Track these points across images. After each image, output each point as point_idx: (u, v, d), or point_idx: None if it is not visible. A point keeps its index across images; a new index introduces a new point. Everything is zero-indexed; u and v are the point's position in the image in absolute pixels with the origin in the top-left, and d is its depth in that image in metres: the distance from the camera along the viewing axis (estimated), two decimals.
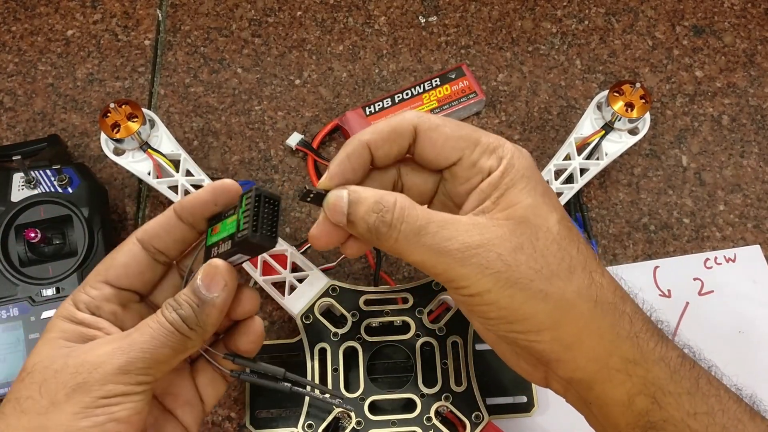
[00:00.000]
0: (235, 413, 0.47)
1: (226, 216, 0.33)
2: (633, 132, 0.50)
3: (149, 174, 0.48)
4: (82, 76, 0.58)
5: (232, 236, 0.32)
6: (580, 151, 0.49)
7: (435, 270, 0.31)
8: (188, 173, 0.49)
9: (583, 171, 0.49)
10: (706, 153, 0.56)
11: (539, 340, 0.31)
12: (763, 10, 0.61)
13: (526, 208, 0.31)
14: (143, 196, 0.55)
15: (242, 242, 0.31)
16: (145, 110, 0.47)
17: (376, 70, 0.59)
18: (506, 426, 0.44)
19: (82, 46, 0.60)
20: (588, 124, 0.50)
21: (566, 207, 0.50)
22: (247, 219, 0.31)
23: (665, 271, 0.52)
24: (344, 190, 0.32)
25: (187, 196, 0.34)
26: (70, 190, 0.48)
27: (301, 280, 0.46)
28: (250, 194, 0.31)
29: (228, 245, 0.32)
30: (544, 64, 0.59)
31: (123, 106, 0.47)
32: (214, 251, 0.33)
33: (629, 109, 0.48)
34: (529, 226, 0.31)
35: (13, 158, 0.48)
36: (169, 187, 0.48)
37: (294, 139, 0.55)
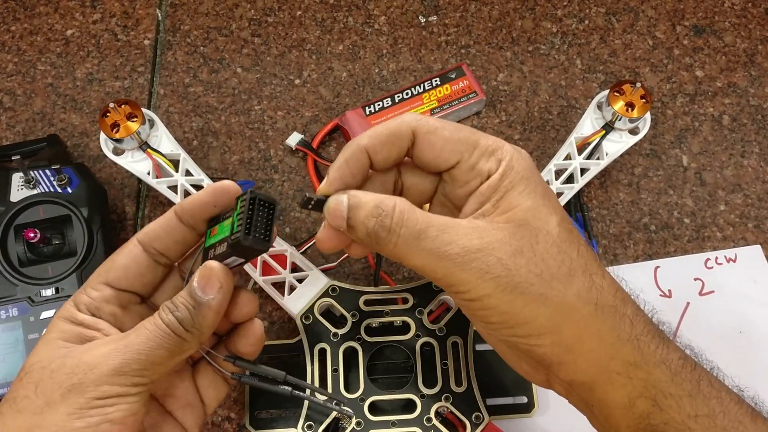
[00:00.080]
0: (235, 414, 0.47)
1: (224, 218, 0.33)
2: (633, 132, 0.50)
3: (149, 174, 0.48)
4: (81, 75, 0.58)
5: (226, 239, 0.32)
6: (580, 150, 0.49)
7: (435, 274, 0.31)
8: (188, 173, 0.49)
9: (583, 171, 0.49)
10: (707, 153, 0.56)
11: (540, 344, 0.31)
12: (763, 9, 0.61)
13: (526, 211, 0.31)
14: (143, 196, 0.55)
15: (235, 245, 0.31)
16: (144, 110, 0.47)
17: (376, 70, 0.59)
18: (506, 426, 0.44)
19: (82, 46, 0.59)
20: (588, 124, 0.50)
21: (566, 207, 0.50)
22: (241, 222, 0.31)
23: (666, 271, 0.51)
24: (344, 195, 0.32)
25: (187, 198, 0.34)
26: (69, 190, 0.48)
27: (301, 281, 0.46)
28: (245, 197, 0.31)
29: (223, 247, 0.32)
30: (545, 64, 0.59)
31: (122, 106, 0.46)
32: (211, 253, 0.33)
33: (630, 109, 0.48)
34: (529, 230, 0.31)
35: (13, 158, 0.48)
36: (169, 187, 0.48)
37: (294, 139, 0.55)
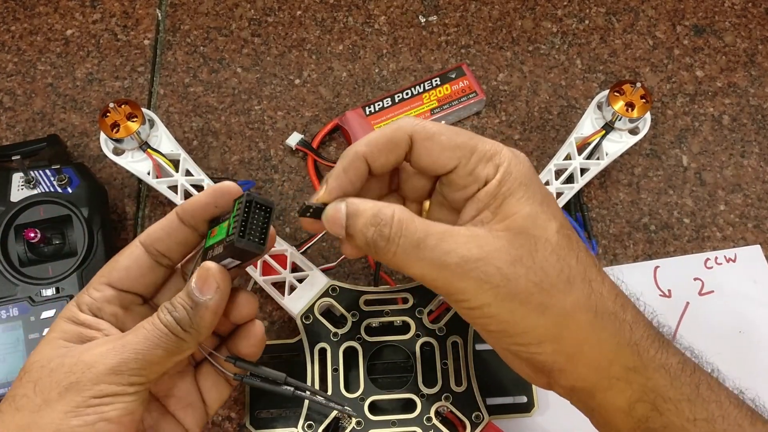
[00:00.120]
0: (236, 413, 0.47)
1: (223, 219, 0.33)
2: (633, 132, 0.50)
3: (149, 174, 0.48)
4: (81, 75, 0.58)
5: (223, 240, 0.32)
6: (580, 150, 0.49)
7: (435, 283, 0.31)
8: (188, 173, 0.49)
9: (583, 171, 0.49)
10: (707, 153, 0.56)
11: (540, 352, 0.31)
12: (763, 9, 0.61)
13: (525, 218, 0.31)
14: (143, 196, 0.55)
15: (229, 246, 0.31)
16: (144, 110, 0.47)
17: (376, 70, 0.59)
18: (506, 426, 0.44)
19: (82, 46, 0.59)
20: (588, 124, 0.50)
21: (566, 207, 0.50)
22: (236, 224, 0.31)
23: (665, 271, 0.51)
24: (342, 203, 0.32)
25: (188, 199, 0.34)
26: (69, 190, 0.48)
27: (301, 280, 0.46)
28: (241, 199, 0.32)
29: (220, 249, 0.32)
30: (545, 64, 0.59)
31: (122, 106, 0.47)
32: (210, 254, 0.33)
33: (630, 109, 0.48)
34: (528, 237, 0.31)
35: (13, 158, 0.48)
36: (169, 187, 0.48)
37: (294, 139, 0.55)
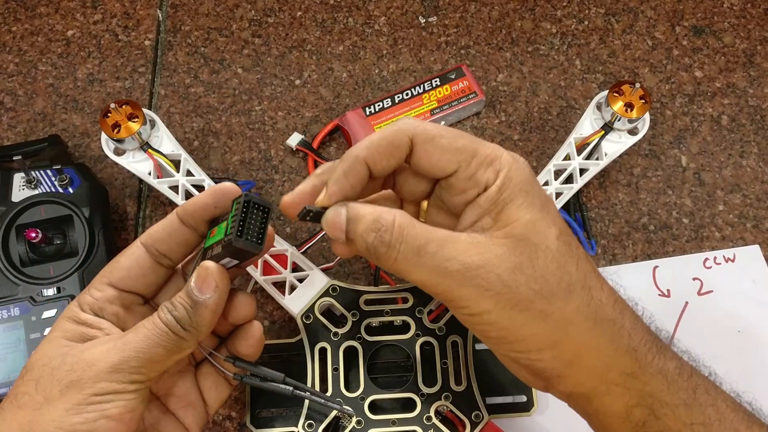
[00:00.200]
0: (236, 412, 0.48)
1: (222, 220, 0.33)
2: (632, 132, 0.50)
3: (150, 174, 0.48)
4: (82, 76, 0.58)
5: (221, 240, 0.32)
6: (579, 151, 0.50)
7: (435, 290, 0.31)
8: (189, 173, 0.49)
9: (582, 171, 0.50)
10: (706, 153, 0.56)
11: (540, 359, 0.31)
12: (762, 10, 0.61)
13: (525, 225, 0.31)
14: (144, 196, 0.55)
15: (227, 246, 0.32)
16: (145, 110, 0.48)
17: (376, 71, 0.59)
18: (506, 425, 0.44)
19: (83, 47, 0.60)
20: (588, 125, 0.50)
21: (566, 207, 0.50)
22: (234, 224, 0.31)
23: (664, 271, 0.52)
24: (342, 208, 0.32)
25: (189, 200, 0.35)
26: (70, 190, 0.49)
27: (301, 280, 0.46)
28: (240, 199, 0.32)
29: (219, 249, 0.32)
30: (544, 65, 0.59)
31: (123, 107, 0.47)
32: (209, 254, 0.33)
33: (629, 110, 0.48)
34: (528, 245, 0.31)
35: (14, 158, 0.48)
36: (170, 188, 0.48)
37: (294, 140, 0.55)
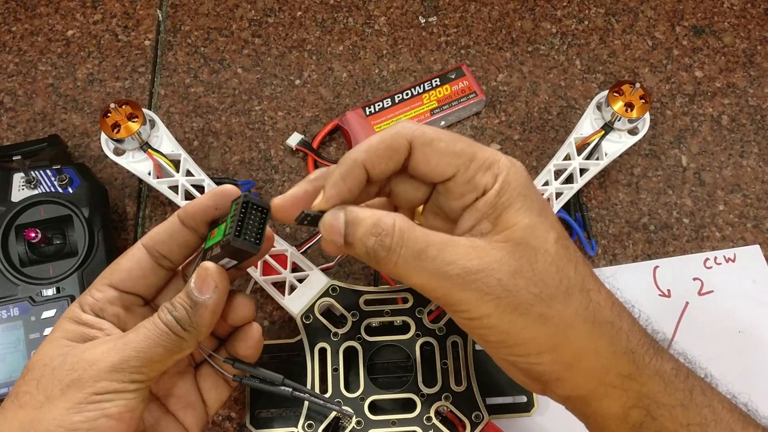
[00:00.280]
0: (236, 413, 0.47)
1: (222, 221, 0.34)
2: (633, 132, 0.50)
3: (149, 174, 0.48)
4: (82, 76, 0.58)
5: (220, 240, 0.33)
6: (579, 151, 0.50)
7: (435, 293, 0.31)
8: (188, 173, 0.49)
9: (582, 171, 0.49)
10: (706, 153, 0.56)
11: (539, 362, 0.32)
12: (762, 10, 0.61)
13: (525, 230, 0.31)
14: (143, 196, 0.55)
15: (226, 246, 0.32)
16: (145, 110, 0.48)
17: (376, 70, 0.59)
18: (506, 426, 0.44)
19: (83, 47, 0.60)
20: (588, 124, 0.50)
21: (566, 207, 0.50)
22: (232, 224, 0.32)
23: (665, 271, 0.52)
24: (341, 211, 0.31)
25: (189, 202, 0.35)
26: (70, 190, 0.48)
27: (301, 280, 0.46)
28: (238, 200, 0.32)
29: (218, 249, 0.33)
30: (544, 64, 0.59)
31: (123, 107, 0.47)
32: (209, 254, 0.34)
33: (629, 109, 0.48)
34: (527, 249, 0.31)
35: (14, 158, 0.48)
36: (170, 187, 0.48)
37: (294, 139, 0.55)
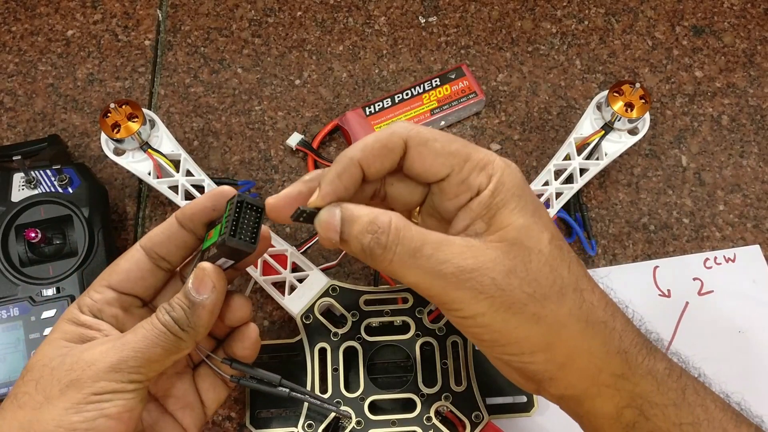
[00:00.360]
0: (236, 413, 0.47)
1: (218, 222, 0.34)
2: (633, 132, 0.50)
3: (149, 174, 0.48)
4: (82, 76, 0.58)
5: (216, 241, 0.33)
6: (579, 151, 0.50)
7: (429, 292, 0.31)
8: (188, 173, 0.49)
9: (582, 171, 0.49)
10: (706, 153, 0.56)
11: (532, 362, 0.32)
12: (762, 10, 0.61)
13: (519, 230, 0.31)
14: (143, 196, 0.55)
15: (221, 246, 0.32)
16: (145, 110, 0.48)
17: (376, 70, 0.59)
18: (506, 426, 0.44)
19: (83, 47, 0.60)
20: (588, 124, 0.50)
21: (566, 207, 0.50)
22: (228, 224, 0.32)
23: (665, 270, 0.52)
24: (336, 208, 0.31)
25: (187, 204, 0.35)
26: (70, 190, 0.48)
27: (301, 280, 0.46)
28: (233, 200, 0.33)
29: (215, 249, 0.33)
30: (544, 64, 0.59)
31: (123, 107, 0.47)
32: (206, 255, 0.34)
33: (629, 109, 0.48)
34: (521, 249, 0.31)
35: (14, 158, 0.48)
36: (170, 187, 0.48)
37: (294, 139, 0.55)
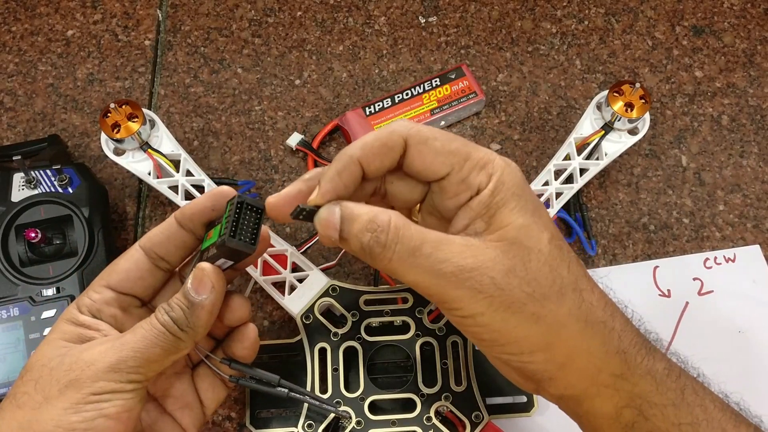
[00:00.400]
0: (236, 413, 0.47)
1: (218, 222, 0.34)
2: (633, 132, 0.50)
3: (149, 174, 0.48)
4: (82, 76, 0.58)
5: (216, 241, 0.33)
6: (579, 151, 0.50)
7: (429, 291, 0.31)
8: (188, 173, 0.49)
9: (582, 171, 0.49)
10: (706, 153, 0.56)
11: (532, 361, 0.32)
12: (762, 10, 0.61)
13: (518, 229, 0.31)
14: (143, 196, 0.55)
15: (221, 246, 0.32)
16: (145, 110, 0.48)
17: (376, 70, 0.59)
18: (506, 426, 0.44)
19: (83, 47, 0.60)
20: (588, 124, 0.50)
21: (566, 207, 0.50)
22: (227, 225, 0.32)
23: (665, 271, 0.52)
24: (336, 206, 0.31)
25: (186, 204, 0.35)
26: (70, 190, 0.48)
27: (301, 280, 0.46)
28: (233, 200, 0.33)
29: (214, 250, 0.33)
30: (544, 64, 0.59)
31: (123, 106, 0.47)
32: (205, 255, 0.34)
33: (629, 109, 0.48)
34: (521, 248, 0.31)
35: (14, 158, 0.48)
36: (170, 187, 0.48)
37: (294, 139, 0.55)
